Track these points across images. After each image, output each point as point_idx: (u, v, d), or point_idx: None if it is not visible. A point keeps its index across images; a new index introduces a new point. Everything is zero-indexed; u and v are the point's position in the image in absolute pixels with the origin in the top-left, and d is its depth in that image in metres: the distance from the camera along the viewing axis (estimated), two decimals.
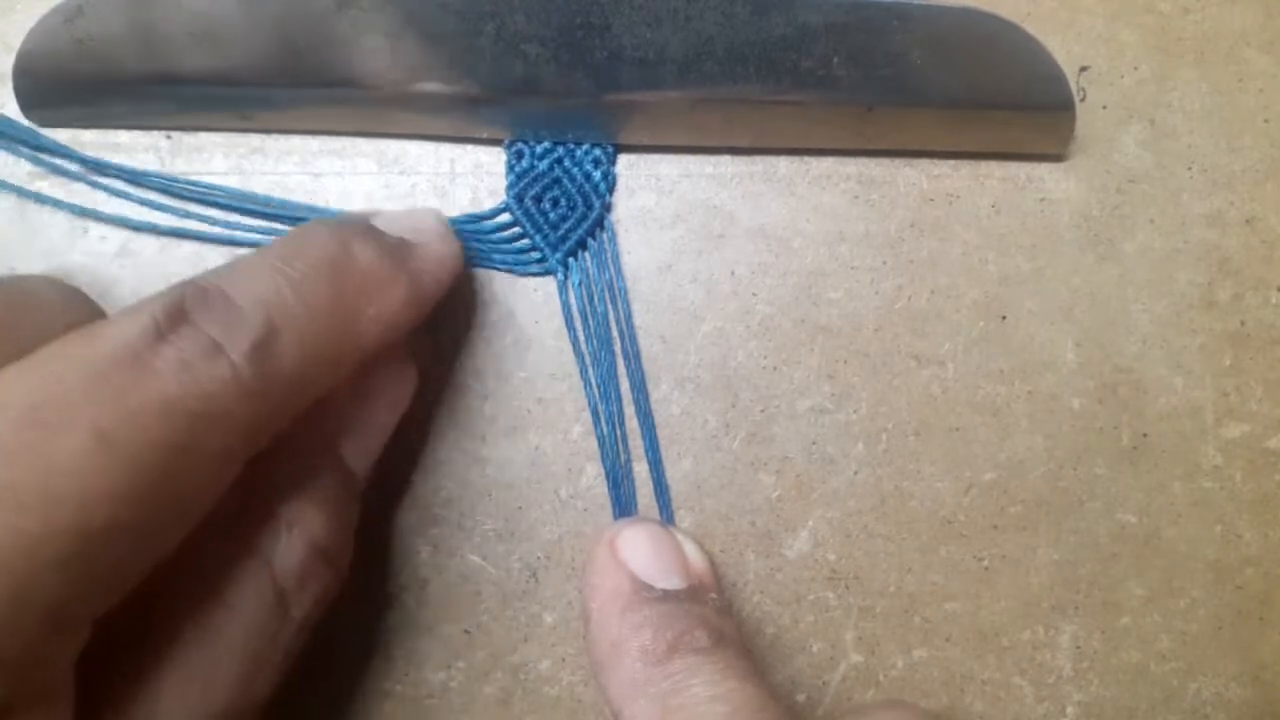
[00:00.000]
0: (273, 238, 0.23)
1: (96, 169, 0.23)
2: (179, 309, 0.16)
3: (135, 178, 0.23)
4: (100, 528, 0.14)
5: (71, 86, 0.23)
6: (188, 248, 0.24)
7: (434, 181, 0.24)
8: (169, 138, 0.24)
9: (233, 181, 0.24)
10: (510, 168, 0.24)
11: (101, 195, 0.23)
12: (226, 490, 0.17)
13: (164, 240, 0.24)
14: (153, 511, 0.15)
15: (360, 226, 0.20)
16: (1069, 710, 0.24)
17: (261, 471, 0.17)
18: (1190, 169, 0.25)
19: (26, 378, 0.14)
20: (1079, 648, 0.24)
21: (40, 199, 0.23)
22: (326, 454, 0.20)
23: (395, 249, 0.20)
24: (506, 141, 0.24)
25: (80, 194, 0.24)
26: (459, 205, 0.24)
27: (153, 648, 0.17)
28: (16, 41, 0.22)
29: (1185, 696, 0.24)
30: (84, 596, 0.15)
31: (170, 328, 0.16)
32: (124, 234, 0.24)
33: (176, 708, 0.17)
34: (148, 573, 0.16)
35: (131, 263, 0.24)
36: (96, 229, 0.24)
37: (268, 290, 0.17)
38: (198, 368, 0.15)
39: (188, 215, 0.24)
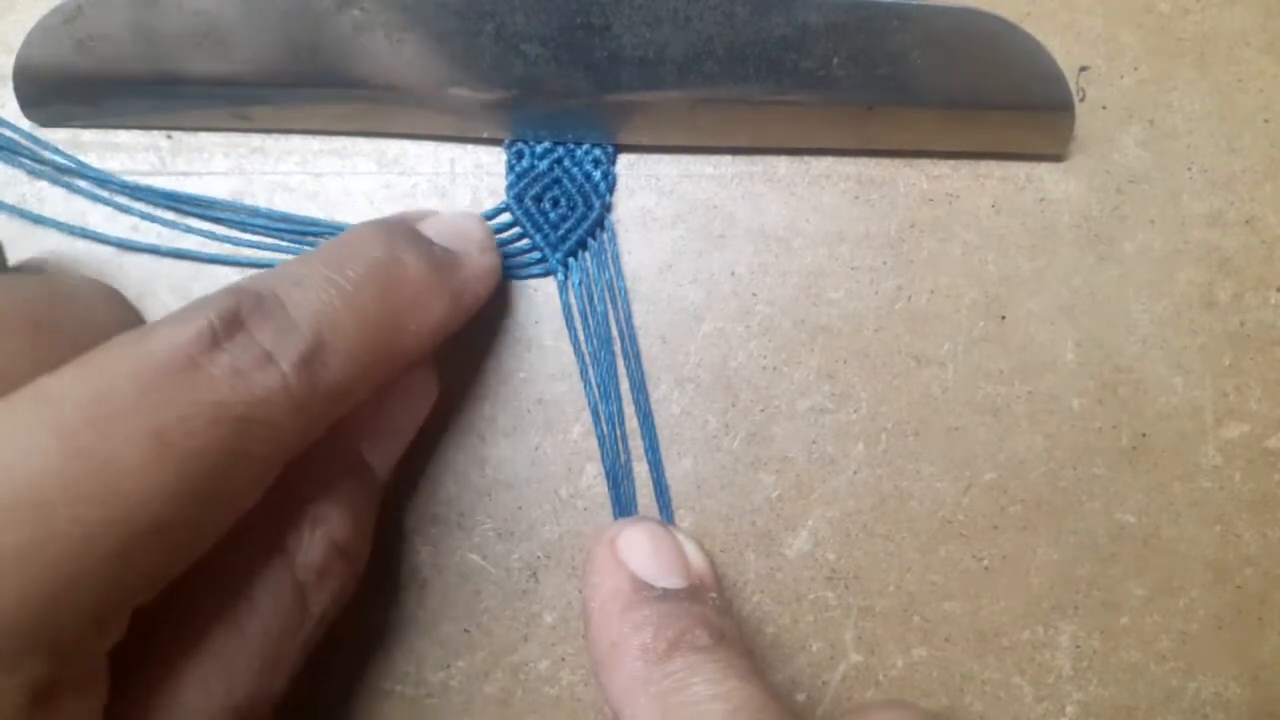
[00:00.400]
0: (277, 257, 0.23)
1: (97, 183, 0.23)
2: (235, 315, 0.16)
3: (134, 193, 0.23)
4: (149, 525, 0.15)
5: (71, 86, 0.23)
6: (188, 247, 0.24)
7: (434, 181, 0.24)
8: (169, 138, 0.24)
9: (234, 181, 0.24)
10: (510, 168, 0.24)
11: (102, 194, 0.24)
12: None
13: (165, 238, 0.24)
14: (197, 512, 0.15)
15: (410, 234, 0.20)
16: (1068, 710, 0.24)
17: (289, 471, 0.18)
18: (1190, 169, 0.25)
19: (87, 377, 0.15)
20: (1079, 647, 0.24)
21: (40, 218, 0.24)
22: (351, 455, 0.21)
23: (441, 261, 0.20)
24: (506, 141, 0.24)
25: (80, 193, 0.24)
26: (459, 205, 0.24)
27: (179, 638, 0.17)
28: (16, 41, 0.22)
29: (1185, 696, 0.24)
30: (128, 590, 0.15)
31: (226, 334, 0.16)
32: (124, 231, 0.24)
33: (199, 697, 0.17)
34: (184, 569, 0.16)
35: (132, 260, 0.24)
36: (96, 225, 0.24)
37: (319, 300, 0.17)
38: (250, 376, 0.16)
39: (189, 230, 0.24)
